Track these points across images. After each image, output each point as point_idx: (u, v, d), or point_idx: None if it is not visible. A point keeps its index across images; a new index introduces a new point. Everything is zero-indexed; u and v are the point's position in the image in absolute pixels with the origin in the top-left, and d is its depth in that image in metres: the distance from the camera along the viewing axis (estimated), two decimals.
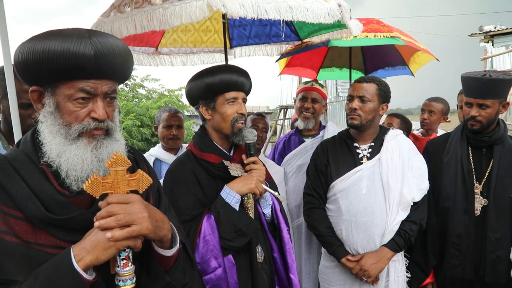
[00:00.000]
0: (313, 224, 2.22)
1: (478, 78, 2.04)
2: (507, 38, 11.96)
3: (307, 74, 4.07)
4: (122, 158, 0.97)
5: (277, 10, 1.73)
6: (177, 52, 3.03)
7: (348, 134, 2.28)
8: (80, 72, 0.98)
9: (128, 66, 1.09)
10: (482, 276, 2.07)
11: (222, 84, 1.69)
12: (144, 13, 1.71)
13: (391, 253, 2.04)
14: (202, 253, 1.59)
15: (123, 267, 0.96)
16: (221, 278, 1.60)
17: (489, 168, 2.13)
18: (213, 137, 1.79)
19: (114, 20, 1.77)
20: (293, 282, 1.85)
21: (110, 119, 1.06)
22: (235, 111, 1.72)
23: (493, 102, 2.05)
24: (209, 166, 1.72)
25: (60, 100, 1.01)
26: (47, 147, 1.01)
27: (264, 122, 2.83)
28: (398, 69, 3.85)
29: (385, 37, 2.93)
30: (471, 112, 2.10)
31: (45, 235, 0.98)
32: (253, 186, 1.67)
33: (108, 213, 0.92)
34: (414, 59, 3.67)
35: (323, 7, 1.87)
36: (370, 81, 2.15)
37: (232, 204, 1.65)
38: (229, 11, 1.60)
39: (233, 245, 1.61)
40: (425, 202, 2.15)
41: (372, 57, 3.86)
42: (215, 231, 1.60)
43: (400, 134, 2.24)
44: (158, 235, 1.01)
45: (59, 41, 0.96)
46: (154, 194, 1.23)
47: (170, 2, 1.69)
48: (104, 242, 0.91)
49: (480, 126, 2.10)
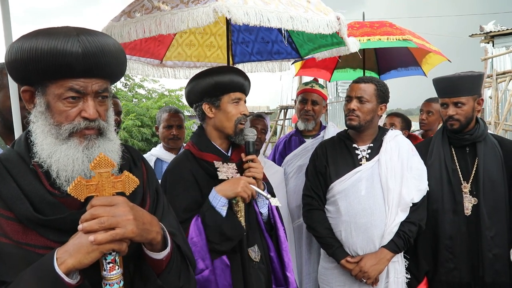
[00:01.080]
0: (312, 226, 2.20)
1: (449, 78, 2.14)
2: (507, 38, 11.95)
3: (322, 75, 4.12)
4: (106, 160, 0.95)
5: (279, 19, 1.77)
6: (181, 66, 3.09)
7: (347, 135, 2.27)
8: (68, 70, 0.96)
9: (120, 65, 1.07)
10: (481, 277, 2.05)
11: (231, 83, 1.73)
12: (153, 18, 1.77)
13: (391, 254, 2.03)
14: None
15: (110, 271, 0.94)
16: (208, 280, 1.58)
17: (475, 166, 2.14)
18: (212, 136, 1.79)
19: (124, 24, 1.83)
20: (289, 280, 1.84)
21: (102, 119, 1.05)
22: (239, 112, 1.75)
23: (467, 99, 2.11)
24: (208, 166, 1.72)
25: (50, 100, 0.99)
26: (39, 147, 1.00)
27: (263, 123, 2.82)
28: (411, 70, 3.88)
29: (397, 40, 2.97)
30: (448, 112, 2.14)
31: (35, 236, 0.96)
32: (239, 190, 1.62)
33: (91, 215, 0.90)
34: (427, 60, 3.70)
35: (322, 19, 1.93)
36: (368, 81, 2.14)
37: (217, 208, 1.62)
38: (234, 17, 1.64)
39: (219, 248, 1.60)
40: (424, 203, 2.13)
41: (385, 58, 3.89)
42: (202, 233, 1.58)
43: (399, 134, 2.23)
44: (146, 237, 0.98)
45: (46, 40, 0.94)
46: (151, 194, 1.21)
47: (178, 8, 1.75)
48: (87, 245, 0.88)
49: (460, 125, 2.13)
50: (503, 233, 2.05)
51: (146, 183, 1.20)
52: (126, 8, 1.96)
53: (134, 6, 1.92)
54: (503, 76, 8.45)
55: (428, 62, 3.71)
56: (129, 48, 2.61)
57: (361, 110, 2.10)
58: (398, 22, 3.30)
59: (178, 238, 1.18)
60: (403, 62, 3.82)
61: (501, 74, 8.52)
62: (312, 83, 2.96)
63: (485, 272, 2.04)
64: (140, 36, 1.79)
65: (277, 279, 1.85)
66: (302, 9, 1.90)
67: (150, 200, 1.19)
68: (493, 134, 2.31)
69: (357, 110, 2.10)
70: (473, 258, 2.09)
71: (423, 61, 3.70)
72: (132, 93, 10.64)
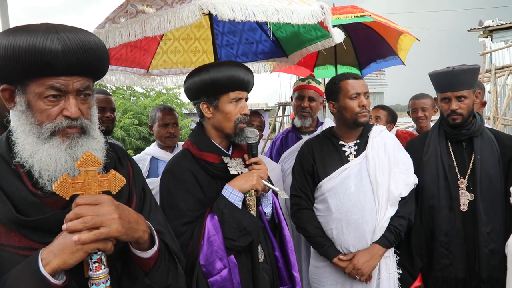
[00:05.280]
0: (301, 226, 2.18)
1: (450, 71, 2.08)
2: (506, 33, 11.93)
3: (301, 72, 4.06)
4: (92, 158, 0.94)
5: (264, 13, 1.76)
6: (167, 73, 3.07)
7: (332, 132, 2.26)
8: (48, 68, 0.94)
9: (102, 62, 1.05)
10: (477, 273, 2.04)
11: (228, 81, 1.64)
12: (138, 22, 1.75)
13: (383, 249, 2.02)
14: (207, 254, 1.55)
15: (96, 270, 0.93)
16: (227, 279, 1.56)
17: (471, 161, 2.12)
18: (212, 135, 1.75)
19: (109, 30, 1.81)
20: (296, 279, 1.83)
21: (85, 117, 1.03)
22: (238, 112, 1.68)
23: (468, 92, 2.08)
24: (208, 166, 1.68)
25: (31, 99, 0.98)
26: (20, 147, 0.98)
27: (260, 120, 2.78)
28: (389, 60, 3.86)
29: (355, 17, 2.95)
30: (451, 106, 2.09)
31: (18, 237, 0.95)
32: (255, 182, 1.64)
33: (76, 215, 0.89)
34: (400, 46, 3.66)
35: (306, 10, 1.93)
36: (360, 77, 2.16)
37: (235, 203, 1.62)
38: (219, 13, 1.63)
39: (237, 244, 1.59)
40: (413, 196, 2.13)
41: (363, 51, 3.86)
42: (219, 232, 1.57)
43: (384, 130, 2.22)
44: (132, 236, 0.97)
45: (25, 37, 0.92)
46: (138, 192, 1.20)
47: (163, 9, 1.73)
48: (72, 245, 0.88)
49: (462, 119, 2.10)
50: (499, 228, 2.04)
51: (132, 181, 1.19)
52: (110, 14, 1.94)
53: (118, 12, 1.90)
54: (501, 71, 8.42)
55: (402, 48, 3.67)
56: (114, 58, 2.58)
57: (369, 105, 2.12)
58: (397, 17, 3.32)
59: (166, 236, 1.17)
60: (380, 52, 3.80)
61: (500, 68, 8.48)
62: (308, 79, 2.93)
63: (481, 267, 2.03)
64: (125, 40, 1.76)
65: (282, 279, 1.84)
66: (286, 2, 1.90)
67: (137, 199, 1.18)
68: (489, 128, 2.28)
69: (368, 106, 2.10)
70: (468, 254, 2.08)
71: (398, 47, 3.66)
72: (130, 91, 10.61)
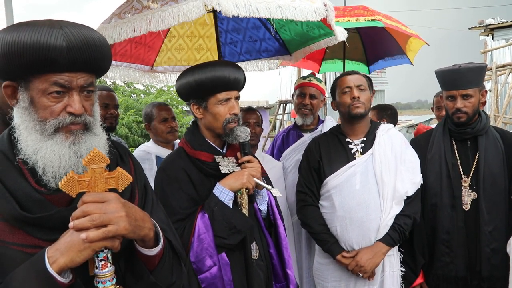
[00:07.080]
0: (306, 222, 2.19)
1: (456, 69, 2.06)
2: (507, 31, 11.90)
3: (309, 66, 4.04)
4: (100, 155, 0.93)
5: (267, 9, 1.76)
6: (172, 70, 3.07)
7: (339, 130, 2.26)
8: (52, 65, 0.94)
9: (105, 58, 1.05)
10: (478, 272, 2.04)
11: (213, 83, 1.63)
12: (144, 17, 1.76)
13: (386, 247, 2.02)
14: (197, 252, 1.57)
15: (102, 268, 0.93)
16: (217, 277, 1.58)
17: (475, 160, 2.11)
18: (206, 134, 1.77)
19: (115, 25, 1.82)
20: (289, 277, 1.84)
21: (88, 113, 1.03)
22: (227, 112, 1.68)
23: (474, 91, 2.07)
24: (201, 165, 1.70)
25: (34, 95, 0.97)
26: (23, 144, 0.98)
27: (256, 116, 2.75)
28: (397, 59, 3.85)
29: (366, 21, 2.92)
30: (456, 104, 2.08)
31: (23, 235, 0.94)
32: (245, 181, 1.65)
33: (83, 213, 0.88)
34: (409, 47, 3.65)
35: (310, 6, 1.93)
36: (357, 73, 2.17)
37: (225, 202, 1.63)
38: (224, 9, 1.63)
39: (227, 242, 1.60)
40: (418, 195, 2.13)
41: (372, 48, 3.85)
42: (209, 230, 1.58)
43: (392, 128, 2.22)
44: (138, 234, 0.97)
45: (29, 33, 0.91)
46: (140, 190, 1.20)
47: (168, 5, 1.73)
48: (79, 243, 0.87)
49: (467, 118, 2.09)
50: (502, 227, 2.03)
51: (134, 179, 1.18)
52: (116, 10, 1.96)
53: (124, 8, 1.91)
54: (502, 69, 8.40)
55: (410, 49, 3.67)
56: (119, 54, 2.58)
57: (363, 97, 2.12)
58: (398, 16, 3.27)
59: (169, 233, 1.17)
60: (389, 50, 3.79)
61: (501, 67, 8.46)
62: (309, 77, 2.93)
63: (482, 266, 2.03)
64: (131, 35, 1.77)
65: (276, 276, 1.85)
66: None
67: (139, 196, 1.18)
68: (495, 127, 2.26)
69: (361, 97, 2.10)
70: (470, 252, 2.08)
71: (406, 48, 3.66)
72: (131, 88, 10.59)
